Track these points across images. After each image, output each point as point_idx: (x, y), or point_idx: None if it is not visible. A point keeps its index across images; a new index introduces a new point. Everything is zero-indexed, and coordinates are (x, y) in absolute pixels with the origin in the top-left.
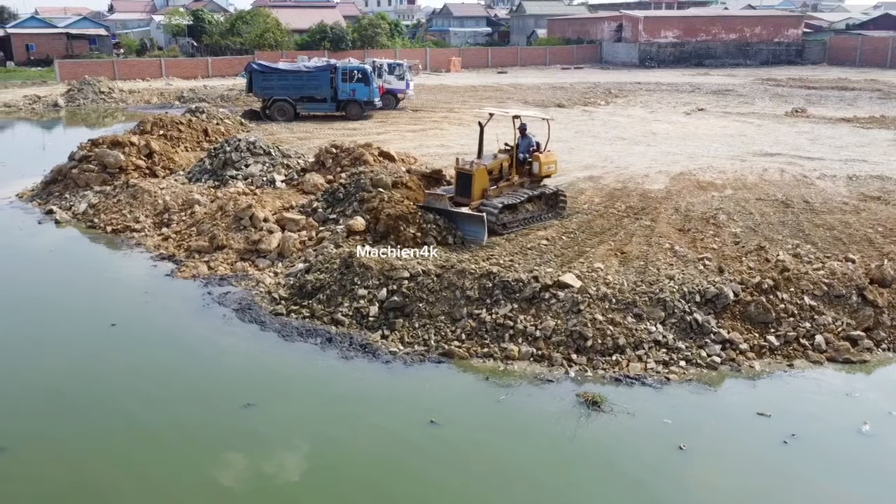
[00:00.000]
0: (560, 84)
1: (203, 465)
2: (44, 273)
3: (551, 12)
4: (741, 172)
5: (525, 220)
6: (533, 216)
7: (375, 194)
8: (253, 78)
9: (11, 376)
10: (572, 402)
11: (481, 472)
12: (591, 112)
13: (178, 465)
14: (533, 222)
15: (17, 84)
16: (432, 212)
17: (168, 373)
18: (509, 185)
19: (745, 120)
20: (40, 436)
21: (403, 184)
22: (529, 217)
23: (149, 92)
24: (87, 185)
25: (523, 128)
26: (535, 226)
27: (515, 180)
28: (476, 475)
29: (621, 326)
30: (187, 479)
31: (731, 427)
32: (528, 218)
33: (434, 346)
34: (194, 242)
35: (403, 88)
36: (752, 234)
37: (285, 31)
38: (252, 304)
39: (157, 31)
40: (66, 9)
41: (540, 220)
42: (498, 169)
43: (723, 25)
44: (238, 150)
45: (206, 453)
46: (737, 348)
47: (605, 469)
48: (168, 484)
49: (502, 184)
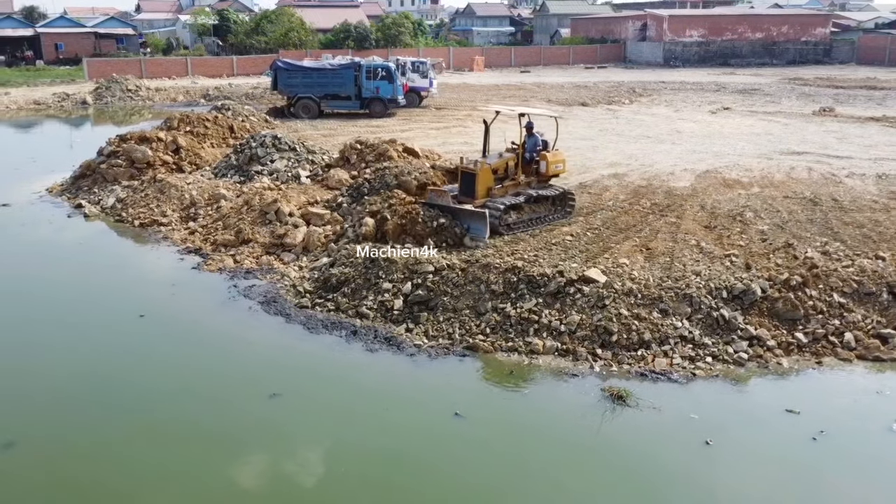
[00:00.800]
0: (583, 83)
1: (229, 454)
2: (73, 265)
3: (575, 12)
4: (768, 171)
5: (531, 220)
6: (539, 217)
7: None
8: (278, 75)
9: (42, 366)
10: (597, 397)
11: (505, 466)
12: (615, 111)
13: (204, 453)
14: (540, 223)
15: (46, 82)
16: (437, 209)
17: (195, 362)
18: (515, 184)
19: (771, 119)
20: (67, 425)
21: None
22: (535, 218)
23: (175, 90)
24: (116, 179)
25: (530, 126)
26: (542, 226)
27: (521, 180)
28: (500, 468)
29: (647, 322)
30: (213, 466)
31: (759, 423)
32: (535, 219)
33: (458, 340)
34: (220, 236)
35: (427, 86)
36: (779, 231)
37: (309, 30)
38: (277, 297)
39: (182, 31)
40: (95, 9)
41: (547, 221)
42: (503, 168)
43: (749, 24)
44: (263, 145)
45: (232, 441)
46: (764, 345)
47: (630, 463)
48: (194, 471)
49: (508, 183)
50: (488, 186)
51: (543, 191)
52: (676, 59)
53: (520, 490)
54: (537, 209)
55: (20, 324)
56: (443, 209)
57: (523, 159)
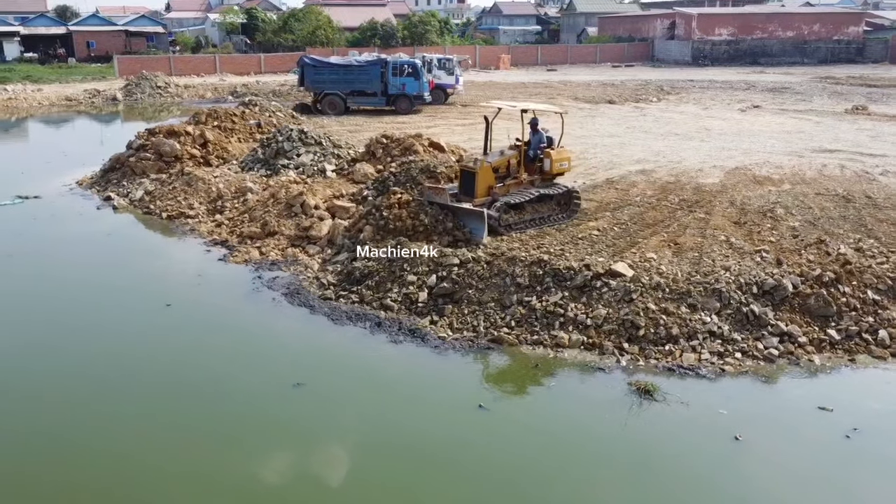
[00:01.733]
0: (610, 81)
1: (252, 442)
2: (102, 256)
3: (602, 10)
4: (799, 168)
5: (533, 220)
6: (542, 217)
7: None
8: (305, 72)
9: (69, 355)
10: (624, 391)
11: (530, 459)
12: (643, 108)
13: (227, 442)
14: (543, 223)
15: (77, 79)
16: (437, 207)
17: (218, 351)
18: (517, 183)
19: (802, 117)
20: (90, 413)
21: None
22: (538, 217)
23: (203, 87)
24: (144, 172)
25: (535, 122)
26: (545, 227)
27: (524, 178)
28: (525, 461)
29: (675, 316)
30: (236, 455)
31: (790, 419)
32: (537, 218)
33: (483, 333)
34: (246, 228)
35: (453, 83)
36: (811, 227)
37: (336, 28)
38: (300, 289)
39: (211, 29)
40: (126, 7)
41: (550, 221)
42: (505, 166)
43: (780, 23)
44: (290, 139)
45: (255, 431)
46: (795, 341)
47: (657, 457)
48: (217, 461)
49: (509, 181)
50: (489, 185)
51: (547, 189)
52: (705, 57)
53: (544, 483)
54: (540, 209)
55: (50, 312)
56: (441, 207)
57: (526, 157)
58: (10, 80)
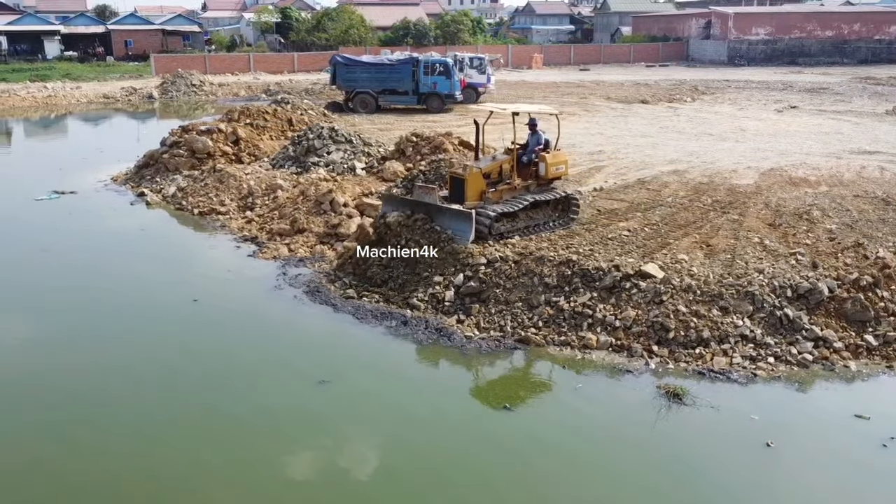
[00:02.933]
0: (644, 81)
1: (277, 437)
2: (134, 250)
3: (637, 9)
4: (837, 170)
5: (527, 227)
6: (537, 223)
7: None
8: (337, 70)
9: (102, 346)
10: (652, 394)
11: (555, 460)
12: (677, 108)
13: (253, 438)
14: (538, 230)
15: (115, 77)
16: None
17: (245, 347)
18: (510, 188)
19: (841, 118)
20: (118, 407)
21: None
22: (532, 224)
23: (237, 85)
24: (177, 169)
25: (533, 123)
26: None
27: (518, 183)
28: (550, 463)
29: (706, 319)
30: (262, 451)
31: (824, 427)
32: (532, 225)
33: (510, 332)
34: (276, 225)
35: (484, 82)
36: (848, 230)
37: (369, 27)
38: (321, 287)
39: (246, 28)
40: (163, 7)
41: (546, 228)
42: (497, 171)
43: (818, 22)
44: (321, 137)
45: (280, 426)
46: (831, 347)
47: (686, 461)
48: (243, 457)
49: (502, 187)
50: (480, 191)
51: (542, 195)
52: (741, 57)
53: (571, 486)
54: (534, 215)
55: (82, 306)
56: (429, 207)
57: (520, 161)
58: (51, 77)
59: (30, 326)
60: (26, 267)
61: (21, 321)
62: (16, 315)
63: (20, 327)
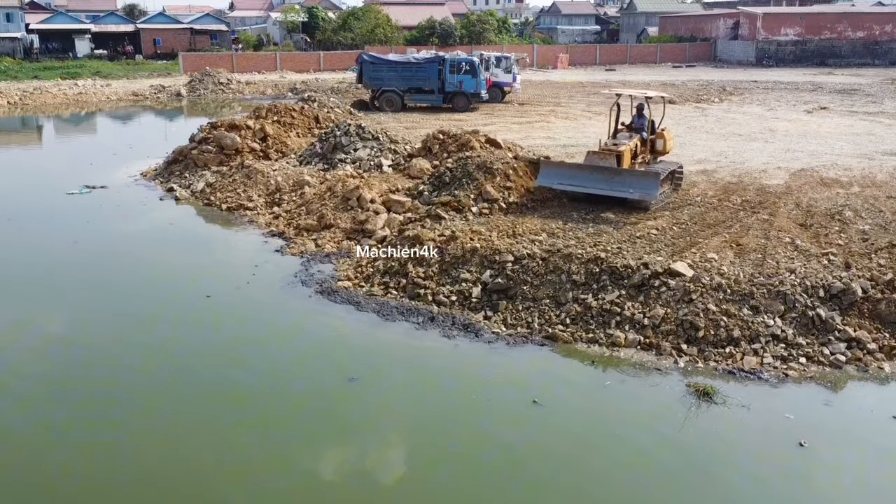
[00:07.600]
0: (671, 81)
1: (308, 434)
2: (163, 245)
3: (663, 10)
4: (869, 171)
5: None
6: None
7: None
8: (363, 69)
9: (129, 340)
10: (681, 392)
11: (586, 455)
12: (705, 109)
13: (283, 435)
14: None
15: (144, 75)
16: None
17: (273, 343)
18: (643, 162)
19: (873, 119)
20: (141, 402)
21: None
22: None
23: (264, 84)
24: (206, 165)
25: (641, 107)
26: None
27: (648, 158)
28: (581, 458)
29: (736, 318)
30: (292, 448)
31: (858, 428)
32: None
33: (537, 329)
34: (303, 221)
35: (510, 81)
36: (882, 231)
37: (395, 26)
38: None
39: (273, 28)
40: (191, 6)
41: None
42: (634, 148)
43: (849, 23)
44: (348, 134)
45: (310, 423)
46: (864, 348)
47: (716, 459)
48: (274, 452)
49: (637, 161)
50: (630, 163)
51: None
52: (770, 58)
53: (600, 482)
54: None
55: (111, 300)
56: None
57: (642, 139)
58: (81, 75)
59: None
60: (57, 258)
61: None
62: (42, 304)
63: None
